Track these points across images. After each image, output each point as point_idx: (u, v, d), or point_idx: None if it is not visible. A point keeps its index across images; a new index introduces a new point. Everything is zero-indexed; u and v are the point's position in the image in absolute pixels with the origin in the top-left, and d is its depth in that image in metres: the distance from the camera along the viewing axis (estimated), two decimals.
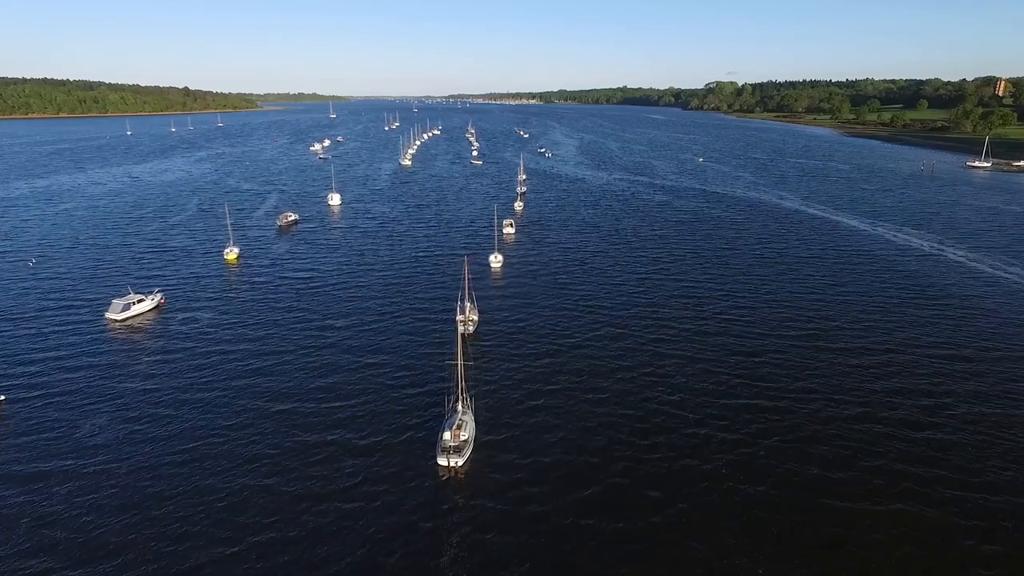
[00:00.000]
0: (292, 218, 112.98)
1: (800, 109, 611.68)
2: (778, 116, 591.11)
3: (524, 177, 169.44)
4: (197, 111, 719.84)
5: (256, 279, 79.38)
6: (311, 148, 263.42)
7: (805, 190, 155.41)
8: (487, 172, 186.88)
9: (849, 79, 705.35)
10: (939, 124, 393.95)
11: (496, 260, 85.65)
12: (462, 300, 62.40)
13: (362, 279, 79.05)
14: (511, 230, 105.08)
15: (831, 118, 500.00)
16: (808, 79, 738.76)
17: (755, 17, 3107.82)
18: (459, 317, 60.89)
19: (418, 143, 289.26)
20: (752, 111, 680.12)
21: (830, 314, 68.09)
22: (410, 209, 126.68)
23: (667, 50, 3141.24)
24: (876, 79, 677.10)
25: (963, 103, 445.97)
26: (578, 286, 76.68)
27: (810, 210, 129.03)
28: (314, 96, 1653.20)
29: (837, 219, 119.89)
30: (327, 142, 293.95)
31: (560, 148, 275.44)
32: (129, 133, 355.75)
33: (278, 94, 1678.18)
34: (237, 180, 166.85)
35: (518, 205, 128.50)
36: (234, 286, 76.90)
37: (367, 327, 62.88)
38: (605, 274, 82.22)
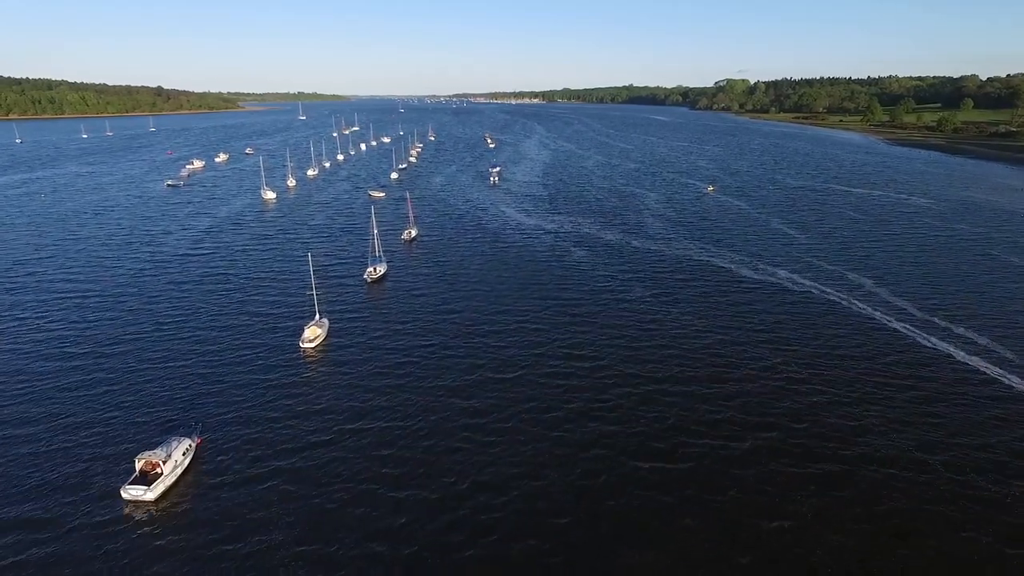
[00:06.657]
0: None
1: (820, 109, 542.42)
2: (797, 117, 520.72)
3: (413, 234, 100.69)
4: (168, 112, 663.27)
5: None
6: (187, 166, 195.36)
7: (913, 277, 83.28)
8: (380, 212, 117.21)
9: (870, 76, 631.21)
10: (1002, 128, 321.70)
11: None
12: None
13: None
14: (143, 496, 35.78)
15: (862, 120, 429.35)
16: (824, 76, 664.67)
17: (765, 13, 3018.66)
18: None
19: (340, 157, 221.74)
20: (767, 111, 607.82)
21: None
22: (127, 331, 58.34)
23: (675, 48, 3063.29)
24: (900, 76, 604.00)
25: (1018, 101, 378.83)
26: None
27: (965, 356, 58.67)
28: (314, 96, 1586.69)
29: None
30: (224, 156, 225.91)
31: (520, 167, 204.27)
32: (18, 141, 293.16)
33: (276, 93, 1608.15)
34: None
35: (311, 337, 57.40)
36: None
37: None
38: None
